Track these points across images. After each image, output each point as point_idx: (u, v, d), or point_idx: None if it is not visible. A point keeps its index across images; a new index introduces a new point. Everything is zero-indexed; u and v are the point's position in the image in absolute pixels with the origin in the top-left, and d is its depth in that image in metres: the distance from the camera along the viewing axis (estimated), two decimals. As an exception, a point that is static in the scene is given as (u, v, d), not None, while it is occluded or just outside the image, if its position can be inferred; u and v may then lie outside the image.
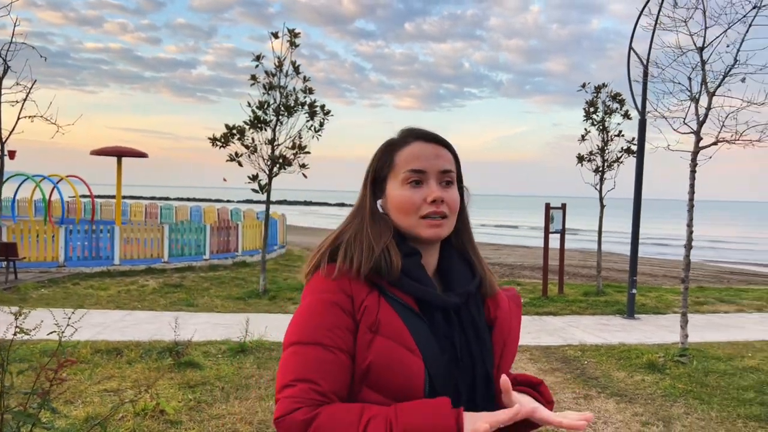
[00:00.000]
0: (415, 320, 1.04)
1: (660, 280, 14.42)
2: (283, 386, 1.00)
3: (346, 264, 1.07)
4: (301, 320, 1.06)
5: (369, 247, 1.08)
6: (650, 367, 5.87)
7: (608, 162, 10.22)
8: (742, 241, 34.47)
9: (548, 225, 10.24)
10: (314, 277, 1.11)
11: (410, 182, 1.11)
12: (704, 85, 6.13)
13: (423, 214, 1.10)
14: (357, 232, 1.12)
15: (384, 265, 1.06)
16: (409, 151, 1.14)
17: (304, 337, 1.03)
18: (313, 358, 1.01)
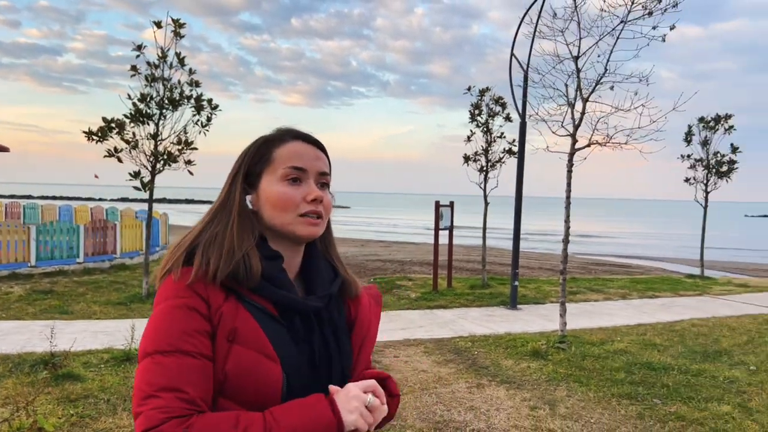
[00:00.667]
0: (274, 325, 1.03)
1: (537, 272, 15.42)
2: (146, 397, 0.94)
3: (202, 268, 1.02)
4: (157, 328, 1.00)
5: (230, 251, 1.04)
6: (534, 354, 6.27)
7: (492, 162, 10.75)
8: (604, 235, 37.77)
9: (438, 222, 10.59)
10: (167, 281, 1.05)
11: (290, 179, 1.10)
12: (579, 91, 6.64)
13: (301, 213, 1.09)
14: (219, 233, 1.08)
15: (243, 271, 1.03)
16: (290, 148, 1.12)
17: (163, 345, 0.97)
18: (175, 366, 0.96)
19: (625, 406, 4.78)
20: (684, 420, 4.46)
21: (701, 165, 13.26)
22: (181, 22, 9.07)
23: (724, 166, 12.99)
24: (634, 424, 4.41)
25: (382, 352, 6.45)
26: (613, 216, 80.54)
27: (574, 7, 6.57)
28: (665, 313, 9.12)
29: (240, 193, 1.12)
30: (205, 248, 1.05)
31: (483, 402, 4.90)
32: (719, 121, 12.85)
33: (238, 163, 1.15)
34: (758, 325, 8.18)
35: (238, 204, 1.10)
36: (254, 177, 1.13)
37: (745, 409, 4.67)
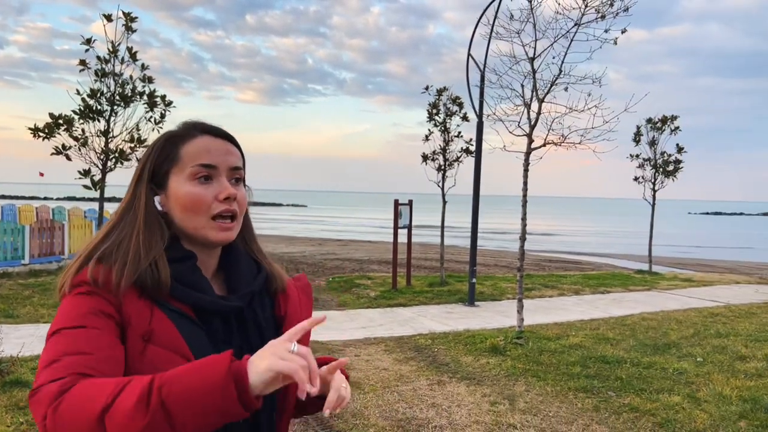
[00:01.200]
0: (192, 328, 0.98)
1: (493, 270, 15.67)
2: (48, 362, 0.87)
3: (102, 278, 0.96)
4: (60, 317, 0.94)
5: (135, 259, 0.98)
6: (493, 350, 6.37)
7: (449, 161, 10.86)
8: (557, 232, 38.70)
9: (397, 220, 10.63)
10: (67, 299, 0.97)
11: (199, 177, 1.03)
12: (535, 92, 6.78)
13: (214, 214, 1.03)
14: (125, 238, 1.01)
15: (150, 280, 0.97)
16: (197, 144, 1.05)
17: (68, 323, 0.91)
18: (82, 336, 0.90)
19: (581, 399, 4.92)
20: (637, 411, 4.61)
21: (649, 164, 13.75)
22: (132, 16, 8.80)
23: (670, 165, 13.51)
24: (590, 417, 4.54)
25: (342, 351, 6.43)
26: (566, 214, 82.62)
27: (530, 9, 6.70)
28: (617, 307, 9.42)
29: (146, 194, 1.05)
30: (107, 257, 0.98)
31: (444, 399, 4.95)
32: (666, 122, 13.34)
33: (143, 162, 1.08)
34: (703, 318, 8.54)
35: (144, 207, 1.04)
36: (161, 177, 1.06)
37: (694, 399, 4.87)
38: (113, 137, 8.85)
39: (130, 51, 8.82)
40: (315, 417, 4.47)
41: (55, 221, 12.75)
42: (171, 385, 0.78)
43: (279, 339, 0.84)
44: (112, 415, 0.78)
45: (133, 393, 0.79)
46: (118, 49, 8.76)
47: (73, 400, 0.81)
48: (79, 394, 0.81)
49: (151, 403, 0.77)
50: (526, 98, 6.83)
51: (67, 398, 0.81)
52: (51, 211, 17.65)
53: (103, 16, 8.70)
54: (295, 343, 0.83)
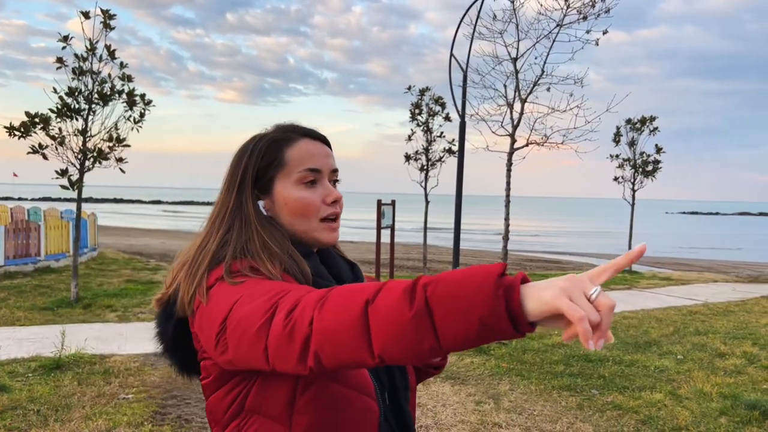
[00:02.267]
0: None
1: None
2: (272, 302, 0.83)
3: (252, 266, 0.96)
4: (230, 295, 0.90)
5: (273, 255, 0.98)
6: (477, 349, 6.38)
7: (432, 161, 10.88)
8: (537, 232, 39.00)
9: (380, 220, 10.61)
10: (215, 294, 0.93)
11: (306, 182, 1.05)
12: (518, 92, 6.81)
13: (322, 217, 1.06)
14: (245, 243, 1.00)
15: (296, 273, 0.98)
16: (302, 148, 1.06)
17: (248, 287, 0.90)
18: (271, 283, 0.90)
19: (565, 398, 4.94)
20: (621, 409, 4.65)
21: (629, 164, 13.92)
22: (110, 13, 8.67)
23: (649, 165, 13.69)
24: (574, 415, 4.56)
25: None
26: (546, 214, 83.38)
27: (513, 9, 6.73)
28: (597, 306, 9.50)
29: (252, 200, 1.05)
30: (242, 255, 0.98)
31: (429, 398, 4.94)
32: (645, 122, 13.52)
33: (244, 167, 1.06)
34: (682, 316, 8.66)
35: (254, 212, 1.04)
36: (266, 182, 1.06)
37: (675, 396, 4.93)
38: (91, 136, 8.73)
39: (108, 49, 8.69)
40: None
41: (30, 222, 12.49)
42: (436, 284, 0.73)
43: (582, 275, 0.71)
44: (376, 307, 0.75)
45: (397, 289, 0.75)
46: (96, 46, 8.63)
47: (337, 299, 0.79)
48: (340, 294, 0.79)
49: (415, 299, 0.73)
50: (508, 98, 6.87)
51: (331, 298, 0.79)
52: (26, 211, 17.31)
53: (80, 13, 8.56)
54: (598, 289, 0.69)
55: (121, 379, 5.12)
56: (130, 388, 4.88)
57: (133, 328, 7.17)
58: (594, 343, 0.68)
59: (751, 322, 8.18)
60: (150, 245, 19.52)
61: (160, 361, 5.73)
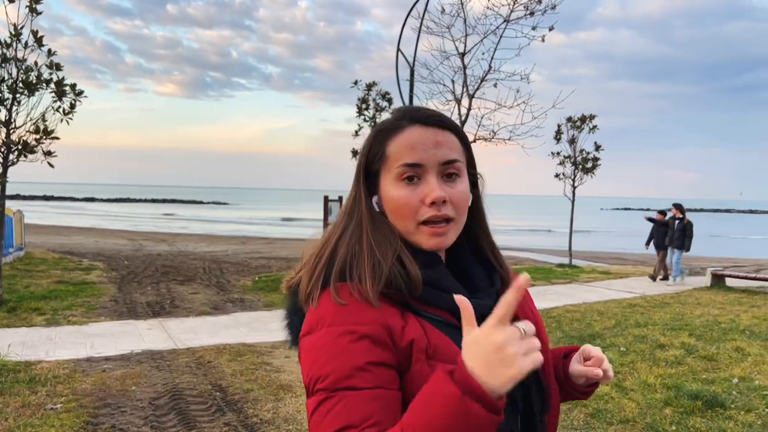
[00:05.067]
0: (458, 335, 0.87)
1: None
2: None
3: (355, 290, 0.89)
4: (325, 357, 0.85)
5: (374, 264, 0.90)
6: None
7: (379, 156, 10.77)
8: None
9: (327, 217, 10.43)
10: (323, 303, 0.90)
11: (404, 178, 0.92)
12: (465, 87, 6.79)
13: (422, 220, 0.92)
14: (356, 243, 0.93)
15: (401, 282, 0.89)
16: (403, 139, 0.93)
17: (334, 379, 0.83)
18: (350, 402, 0.82)
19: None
20: (569, 402, 4.67)
21: (569, 161, 14.27)
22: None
23: (589, 162, 14.07)
24: (525, 410, 4.56)
25: (271, 353, 6.19)
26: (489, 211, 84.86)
27: (461, 3, 6.70)
28: (541, 300, 9.65)
29: (365, 196, 0.97)
30: (350, 263, 0.92)
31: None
32: (584, 120, 13.88)
33: (359, 160, 0.99)
34: (623, 309, 8.90)
35: (366, 208, 0.96)
36: (374, 176, 0.97)
37: (621, 388, 5.00)
38: (16, 128, 8.16)
39: (34, 35, 8.14)
40: (245, 425, 4.23)
41: (-52, 220, 11.62)
42: (414, 428, 0.74)
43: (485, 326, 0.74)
44: None
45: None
46: (21, 32, 8.07)
47: None
48: None
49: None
50: (456, 94, 6.83)
51: None
52: (-56, 209, 16.15)
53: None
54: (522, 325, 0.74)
55: (49, 387, 4.76)
56: (58, 398, 4.54)
57: (64, 332, 6.74)
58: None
59: (686, 314, 8.49)
60: (83, 244, 18.60)
61: (93, 367, 5.39)
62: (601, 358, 1.01)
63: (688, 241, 11.58)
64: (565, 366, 1.07)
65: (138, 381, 5.12)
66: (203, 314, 8.23)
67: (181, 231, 29.63)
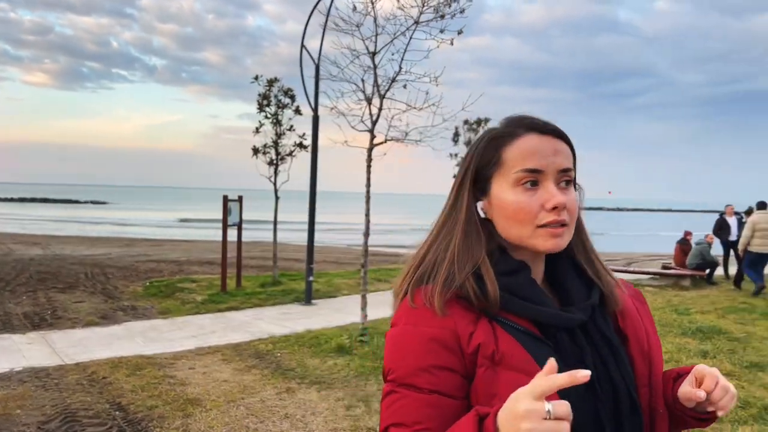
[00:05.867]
0: (539, 345, 0.89)
1: (322, 266, 15.58)
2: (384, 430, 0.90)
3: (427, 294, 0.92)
4: (394, 352, 0.92)
5: (448, 275, 0.93)
6: (339, 350, 6.20)
7: (281, 155, 10.49)
8: (375, 226, 40.01)
9: (226, 218, 9.98)
10: (403, 304, 0.96)
11: (524, 184, 0.94)
12: (376, 87, 6.72)
13: (541, 223, 0.93)
14: (442, 250, 0.96)
15: (473, 295, 0.91)
16: (521, 145, 0.95)
17: (398, 375, 0.90)
18: (408, 402, 0.88)
19: (433, 394, 4.95)
20: (487, 400, 4.76)
21: (467, 163, 14.70)
22: None
23: (485, 163, 14.58)
24: (445, 411, 4.57)
25: (173, 365, 5.79)
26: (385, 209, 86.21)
27: (371, 2, 6.62)
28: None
29: (468, 200, 0.98)
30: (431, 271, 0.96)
31: (297, 407, 4.65)
32: (480, 123, 14.37)
33: (466, 164, 1.00)
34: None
35: (465, 214, 0.97)
36: (484, 182, 0.98)
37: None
38: None
39: None
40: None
41: None
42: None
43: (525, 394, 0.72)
44: None
45: None
46: None
47: None
48: None
49: None
50: (367, 93, 6.75)
51: None
52: None
53: None
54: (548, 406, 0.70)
55: None
56: (-76, 431, 3.94)
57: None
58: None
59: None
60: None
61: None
62: (715, 378, 0.93)
63: None
64: (675, 388, 1.00)
65: (22, 403, 4.57)
66: (91, 325, 7.55)
67: (56, 233, 27.27)
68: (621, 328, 1.00)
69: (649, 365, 0.98)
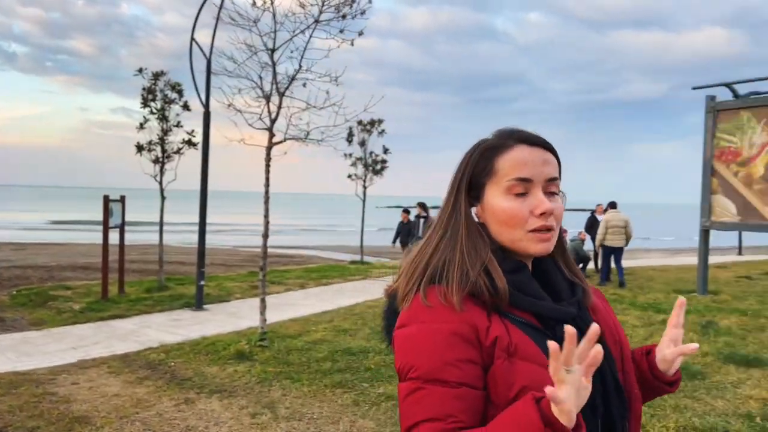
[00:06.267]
0: (542, 337, 0.96)
1: (210, 269, 14.97)
2: (409, 428, 0.93)
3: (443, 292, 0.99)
4: (415, 350, 0.95)
5: (462, 272, 0.99)
6: (239, 356, 5.98)
7: (168, 153, 9.94)
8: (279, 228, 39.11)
9: (107, 219, 9.28)
10: (414, 303, 1.00)
11: (515, 191, 1.02)
12: (275, 85, 6.57)
13: (531, 228, 1.02)
14: (450, 251, 1.03)
15: (486, 291, 0.97)
16: (513, 155, 1.03)
17: (423, 372, 0.94)
18: (438, 397, 0.92)
19: (339, 396, 4.92)
20: (393, 399, 4.81)
21: (360, 163, 14.83)
22: None
23: (378, 164, 14.79)
24: (353, 412, 4.56)
25: (53, 380, 5.30)
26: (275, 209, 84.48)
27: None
28: (342, 298, 9.86)
29: (466, 206, 1.06)
30: (441, 271, 1.01)
31: (198, 419, 4.42)
32: (374, 124, 14.56)
33: (461, 172, 1.08)
34: (417, 302, 9.51)
35: (465, 218, 1.05)
36: (478, 189, 1.06)
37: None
38: None
39: None
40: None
41: None
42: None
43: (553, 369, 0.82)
44: None
45: None
46: None
47: None
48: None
49: None
50: (265, 91, 6.58)
51: None
52: None
53: None
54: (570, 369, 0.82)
55: None
56: None
57: None
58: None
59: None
60: None
61: None
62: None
63: None
64: (650, 360, 1.13)
65: None
66: (-51, 340, 6.71)
67: None
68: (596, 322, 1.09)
69: (621, 353, 1.10)
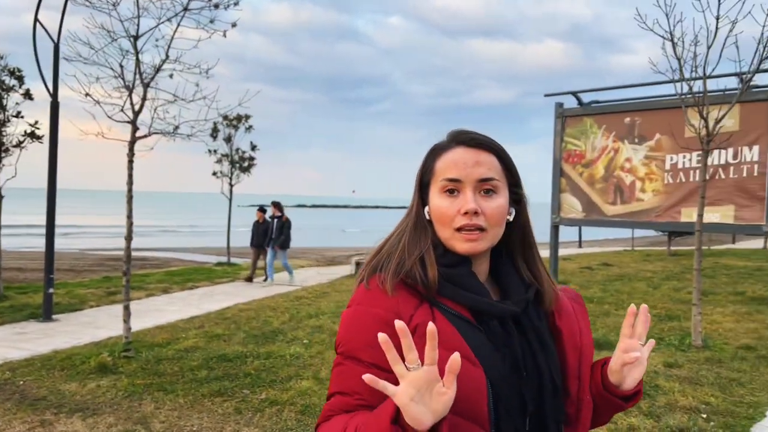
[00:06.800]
0: (472, 330, 1.01)
1: (56, 274, 13.54)
2: (327, 397, 1.05)
3: (379, 280, 1.05)
4: (345, 329, 1.05)
5: (399, 261, 1.06)
6: (101, 369, 5.47)
7: (6, 147, 8.84)
8: (119, 228, 36.30)
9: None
10: (360, 287, 1.08)
11: (446, 191, 1.07)
12: (139, 75, 6.09)
13: (457, 227, 1.05)
14: (396, 242, 1.10)
15: (417, 278, 1.03)
16: (448, 157, 1.09)
17: (345, 348, 1.03)
18: (351, 374, 0.99)
19: (219, 404, 4.68)
20: (277, 404, 4.67)
21: (227, 160, 14.24)
22: None
23: (245, 162, 14.30)
24: (236, 421, 4.36)
25: None
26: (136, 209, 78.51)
27: (132, -20, 5.97)
28: (211, 302, 9.42)
29: (418, 204, 1.12)
30: (385, 260, 1.08)
31: (59, 443, 3.97)
32: (240, 120, 14.04)
33: (418, 173, 1.14)
34: (291, 302, 9.35)
35: (415, 214, 1.12)
36: (425, 188, 1.12)
37: (319, 380, 5.22)
38: None
39: None
40: None
41: None
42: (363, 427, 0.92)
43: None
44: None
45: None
46: None
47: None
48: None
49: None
50: (127, 81, 6.08)
51: None
52: None
53: None
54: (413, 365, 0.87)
55: None
56: None
57: None
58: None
59: (345, 300, 9.43)
60: None
61: None
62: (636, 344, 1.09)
63: (286, 239, 11.63)
64: (604, 371, 1.12)
65: None
66: None
67: None
68: (557, 325, 1.12)
69: (579, 359, 1.11)
